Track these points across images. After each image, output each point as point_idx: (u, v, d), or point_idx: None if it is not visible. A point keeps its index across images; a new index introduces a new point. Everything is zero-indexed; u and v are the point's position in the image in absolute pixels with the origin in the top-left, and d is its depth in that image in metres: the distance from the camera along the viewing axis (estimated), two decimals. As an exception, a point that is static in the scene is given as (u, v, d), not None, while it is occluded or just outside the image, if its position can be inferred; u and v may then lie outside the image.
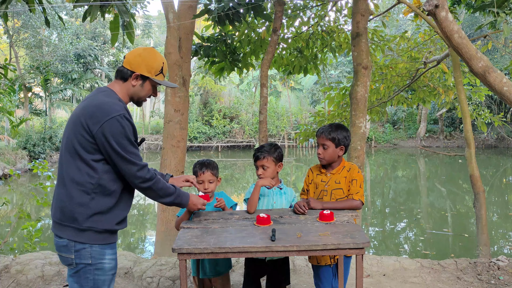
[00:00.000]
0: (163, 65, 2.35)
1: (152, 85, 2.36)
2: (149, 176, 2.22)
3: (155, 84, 2.37)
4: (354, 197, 2.84)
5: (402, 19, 31.52)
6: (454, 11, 7.26)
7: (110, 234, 2.22)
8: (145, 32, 32.30)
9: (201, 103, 32.48)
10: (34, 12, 5.53)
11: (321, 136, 2.92)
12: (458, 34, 3.25)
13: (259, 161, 2.96)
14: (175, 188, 2.38)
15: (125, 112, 2.18)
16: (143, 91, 2.35)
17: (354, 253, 2.28)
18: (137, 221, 12.10)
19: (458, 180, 17.56)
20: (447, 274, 4.13)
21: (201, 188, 2.96)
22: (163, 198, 2.34)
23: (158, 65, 2.32)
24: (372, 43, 8.04)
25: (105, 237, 2.19)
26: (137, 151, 2.21)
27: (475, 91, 8.45)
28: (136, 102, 2.40)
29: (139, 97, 2.37)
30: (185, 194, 2.44)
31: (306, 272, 4.24)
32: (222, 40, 7.22)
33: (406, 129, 32.06)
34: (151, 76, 2.31)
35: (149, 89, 2.37)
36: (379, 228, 10.58)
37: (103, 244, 2.19)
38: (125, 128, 2.13)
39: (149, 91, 2.37)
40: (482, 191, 6.37)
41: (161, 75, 2.35)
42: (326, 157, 2.91)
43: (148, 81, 2.33)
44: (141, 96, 2.36)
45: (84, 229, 2.12)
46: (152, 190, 2.27)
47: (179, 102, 6.13)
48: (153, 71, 2.31)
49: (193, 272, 3.03)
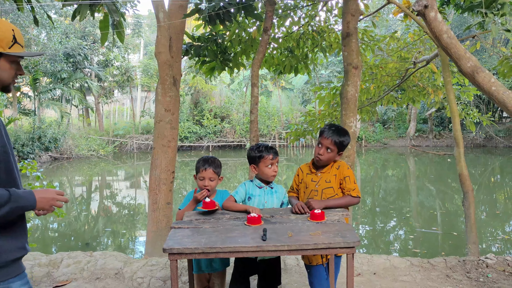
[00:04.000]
0: (14, 33, 1.85)
1: (10, 61, 1.86)
2: None
3: (14, 59, 1.87)
4: (352, 194, 2.87)
5: (392, 19, 31.73)
6: (443, 12, 7.32)
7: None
8: (135, 32, 32.08)
9: (192, 103, 32.38)
10: (23, 10, 5.47)
11: (329, 138, 2.88)
12: (447, 34, 3.28)
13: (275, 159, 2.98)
14: (8, 192, 1.74)
15: None
16: (2, 73, 1.85)
17: (345, 252, 2.29)
18: (127, 221, 12.04)
19: (447, 179, 17.72)
20: (437, 272, 4.17)
21: (201, 185, 2.97)
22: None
23: (7, 34, 1.82)
24: (362, 43, 8.08)
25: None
26: None
27: (463, 91, 8.53)
28: (2, 89, 1.91)
29: (2, 81, 1.87)
30: (26, 192, 1.82)
31: (297, 272, 4.24)
32: (213, 39, 7.20)
33: (396, 128, 32.27)
34: (3, 50, 1.81)
35: (9, 67, 1.86)
36: (369, 227, 10.64)
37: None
38: None
39: (10, 69, 1.87)
40: (471, 190, 6.43)
41: (16, 45, 1.85)
42: (325, 159, 2.90)
43: (3, 58, 1.83)
44: (3, 79, 1.87)
45: None
46: None
47: (170, 101, 6.10)
48: (4, 44, 1.81)
49: (194, 270, 3.04)
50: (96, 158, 26.24)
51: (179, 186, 16.76)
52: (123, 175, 21.99)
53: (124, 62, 30.45)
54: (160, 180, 6.05)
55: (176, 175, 8.54)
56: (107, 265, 4.31)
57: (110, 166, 24.33)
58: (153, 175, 6.12)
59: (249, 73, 29.35)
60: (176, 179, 6.34)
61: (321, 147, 2.90)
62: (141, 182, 19.17)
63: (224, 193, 3.12)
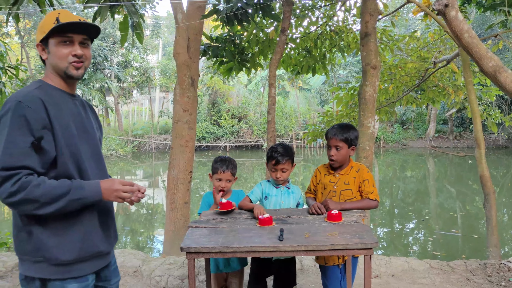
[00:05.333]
0: (59, 15, 1.80)
1: (58, 42, 1.81)
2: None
3: (62, 40, 1.81)
4: (370, 197, 2.85)
5: (412, 19, 31.32)
6: (464, 10, 7.21)
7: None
8: (154, 33, 32.39)
9: (210, 103, 32.53)
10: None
11: (333, 138, 2.87)
12: (468, 33, 3.22)
13: (280, 164, 2.93)
14: (70, 183, 1.74)
15: (28, 98, 1.71)
16: (55, 57, 1.81)
17: (362, 254, 2.27)
18: (145, 220, 12.18)
19: (468, 181, 17.40)
20: (457, 275, 4.10)
21: (218, 185, 2.99)
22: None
23: (50, 19, 1.80)
24: (381, 42, 8.01)
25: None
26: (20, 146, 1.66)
27: (485, 91, 8.38)
28: (66, 75, 1.86)
29: (58, 67, 1.83)
30: (91, 183, 1.80)
31: (314, 272, 4.23)
32: (230, 40, 7.23)
33: (415, 129, 31.83)
34: (45, 33, 1.79)
35: (58, 49, 1.81)
36: (387, 228, 10.52)
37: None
38: (16, 116, 1.67)
39: (59, 51, 1.81)
40: (492, 192, 6.31)
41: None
42: (339, 158, 2.89)
43: (50, 41, 1.81)
44: (57, 63, 1.83)
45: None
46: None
47: (188, 102, 6.15)
48: (46, 28, 1.79)
49: (212, 270, 3.05)
50: (116, 157, 26.60)
51: (196, 186, 16.87)
52: (141, 174, 22.25)
53: (143, 63, 30.80)
54: (178, 179, 6.10)
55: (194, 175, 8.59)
56: (126, 263, 4.37)
57: (129, 165, 24.64)
58: (171, 175, 6.18)
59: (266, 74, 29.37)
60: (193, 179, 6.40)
61: (330, 149, 2.90)
62: (159, 182, 19.36)
63: (240, 193, 3.14)
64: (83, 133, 1.89)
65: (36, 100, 1.71)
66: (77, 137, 1.84)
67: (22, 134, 1.66)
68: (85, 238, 1.82)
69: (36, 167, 1.69)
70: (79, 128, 1.87)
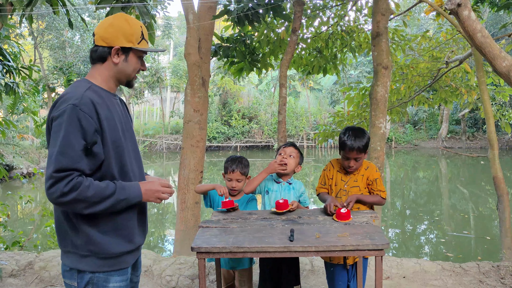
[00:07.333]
0: (142, 29, 1.95)
1: (137, 56, 1.95)
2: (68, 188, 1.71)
3: (140, 55, 1.97)
4: (381, 195, 2.89)
5: (424, 18, 31.05)
6: (477, 10, 7.13)
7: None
8: (165, 33, 32.61)
9: (220, 103, 32.62)
10: (58, 14, 5.65)
11: (353, 151, 2.76)
12: (481, 33, 3.19)
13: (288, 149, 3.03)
14: (114, 185, 1.83)
15: (83, 101, 1.76)
16: (129, 67, 1.94)
17: (373, 255, 2.26)
18: (156, 220, 12.25)
19: (481, 182, 17.19)
20: (469, 277, 4.06)
21: (229, 186, 3.00)
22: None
23: (137, 30, 1.91)
24: (392, 42, 7.96)
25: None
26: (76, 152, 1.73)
27: (498, 91, 8.27)
28: (126, 83, 2.00)
29: (127, 75, 1.96)
30: (132, 185, 1.89)
31: (325, 273, 4.21)
32: (241, 40, 7.25)
33: (427, 129, 31.54)
34: (133, 45, 1.90)
35: (136, 62, 1.95)
36: (399, 229, 10.45)
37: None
38: (72, 120, 1.73)
39: (136, 64, 1.96)
40: (505, 193, 6.24)
41: (143, 41, 1.95)
42: (358, 167, 2.89)
43: (132, 53, 1.92)
44: (128, 73, 1.95)
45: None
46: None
47: (199, 102, 6.18)
48: (134, 39, 1.90)
49: (222, 265, 3.07)
50: (127, 157, 26.75)
51: (207, 186, 16.88)
52: (152, 174, 22.32)
53: (154, 63, 30.98)
54: (188, 179, 6.13)
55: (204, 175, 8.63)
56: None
57: (140, 165, 24.75)
58: (182, 175, 6.21)
59: (277, 74, 29.37)
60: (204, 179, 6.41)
61: (349, 160, 2.82)
62: (170, 182, 19.44)
63: (251, 198, 3.14)
64: (126, 132, 1.98)
65: (89, 104, 1.78)
66: (122, 138, 1.92)
67: (76, 137, 1.73)
68: (129, 233, 1.92)
69: (86, 169, 1.77)
70: (123, 128, 1.96)
